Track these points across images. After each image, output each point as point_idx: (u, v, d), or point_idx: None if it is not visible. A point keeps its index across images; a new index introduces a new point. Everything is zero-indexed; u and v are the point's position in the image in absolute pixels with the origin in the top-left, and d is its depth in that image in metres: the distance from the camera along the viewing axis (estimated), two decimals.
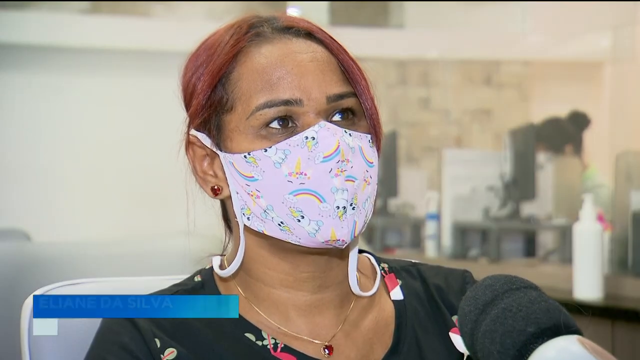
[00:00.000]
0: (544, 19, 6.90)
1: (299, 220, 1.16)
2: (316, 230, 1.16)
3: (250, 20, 1.22)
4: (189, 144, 1.23)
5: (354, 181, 1.16)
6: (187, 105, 1.24)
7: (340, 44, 1.22)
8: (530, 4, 6.74)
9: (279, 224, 1.17)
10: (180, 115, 1.27)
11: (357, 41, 1.29)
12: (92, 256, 2.30)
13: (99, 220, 5.74)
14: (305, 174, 1.15)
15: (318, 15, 6.04)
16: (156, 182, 5.64)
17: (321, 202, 1.15)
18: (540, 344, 0.92)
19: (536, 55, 7.00)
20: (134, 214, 5.80)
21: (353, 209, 1.16)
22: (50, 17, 5.88)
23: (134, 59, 5.92)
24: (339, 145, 1.15)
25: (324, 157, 1.15)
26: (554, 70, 7.11)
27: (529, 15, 6.85)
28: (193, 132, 1.22)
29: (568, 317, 0.94)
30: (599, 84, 6.87)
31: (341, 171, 1.15)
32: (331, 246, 1.17)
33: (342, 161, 1.15)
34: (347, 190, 1.15)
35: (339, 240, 1.16)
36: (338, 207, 1.15)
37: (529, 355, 0.91)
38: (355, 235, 1.18)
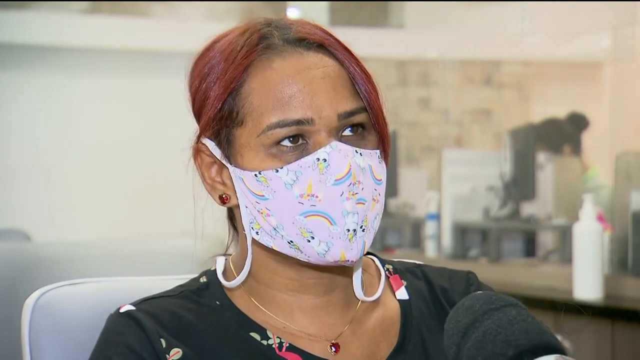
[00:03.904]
0: (544, 19, 6.90)
1: (309, 241, 1.16)
2: (326, 251, 1.17)
3: (261, 30, 1.20)
4: (197, 151, 1.23)
5: (364, 203, 1.16)
6: (197, 114, 1.23)
7: (352, 52, 1.21)
8: (530, 4, 6.74)
9: (289, 242, 1.18)
10: (180, 115, 1.27)
11: (357, 41, 1.28)
12: (92, 256, 2.30)
13: (99, 220, 5.74)
14: (317, 196, 1.15)
15: (318, 15, 6.03)
16: (156, 182, 5.65)
17: (332, 224, 1.16)
18: None
19: (536, 55, 7.00)
20: (134, 214, 5.80)
21: (363, 230, 1.17)
22: (50, 17, 5.88)
23: (134, 59, 5.92)
24: (350, 168, 1.15)
25: (336, 180, 1.15)
26: (553, 70, 7.11)
27: (529, 15, 6.85)
28: (203, 140, 1.21)
29: (548, 335, 0.95)
30: (598, 84, 6.87)
31: (352, 194, 1.15)
32: (339, 265, 1.19)
33: (354, 184, 1.15)
34: (357, 214, 1.16)
35: (347, 260, 1.17)
36: (348, 230, 1.16)
37: None
38: (364, 253, 1.18)
